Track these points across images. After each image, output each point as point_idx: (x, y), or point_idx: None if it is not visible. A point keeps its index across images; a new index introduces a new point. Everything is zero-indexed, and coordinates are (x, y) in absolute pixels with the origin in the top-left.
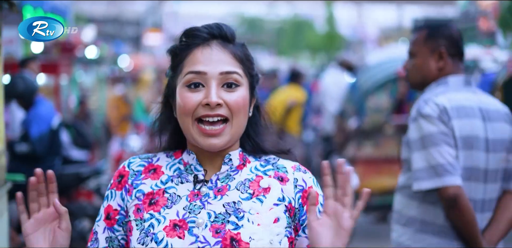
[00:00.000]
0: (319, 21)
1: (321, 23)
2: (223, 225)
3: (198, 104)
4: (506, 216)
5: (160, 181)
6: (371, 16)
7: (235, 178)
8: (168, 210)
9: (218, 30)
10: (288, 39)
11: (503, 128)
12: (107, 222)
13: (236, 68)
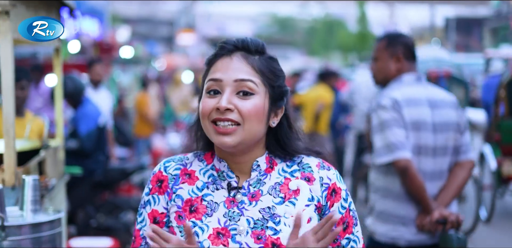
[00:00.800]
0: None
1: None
2: (263, 231)
3: (212, 109)
4: (456, 182)
5: (196, 187)
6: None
7: (266, 183)
8: (209, 219)
9: (242, 43)
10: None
11: (449, 113)
12: (156, 225)
13: (252, 77)
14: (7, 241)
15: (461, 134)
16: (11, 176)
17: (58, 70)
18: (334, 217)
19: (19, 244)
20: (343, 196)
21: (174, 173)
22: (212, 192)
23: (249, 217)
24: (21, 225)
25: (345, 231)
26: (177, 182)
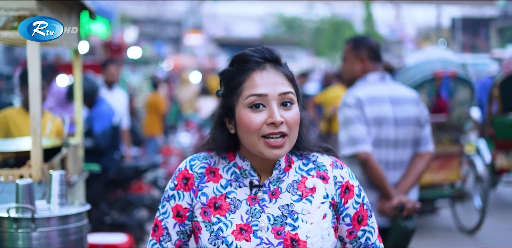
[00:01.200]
0: (358, 21)
1: (359, 23)
2: (282, 227)
3: (262, 123)
4: (415, 171)
5: (220, 185)
6: (410, 15)
7: (284, 180)
8: (233, 215)
9: (270, 54)
10: (327, 39)
11: (410, 109)
12: (177, 219)
13: (291, 88)
14: (37, 232)
15: (421, 128)
16: (38, 171)
17: (78, 72)
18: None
19: (47, 235)
20: (356, 193)
21: (199, 171)
22: (235, 189)
23: (270, 214)
24: (49, 217)
25: (360, 223)
26: (203, 180)
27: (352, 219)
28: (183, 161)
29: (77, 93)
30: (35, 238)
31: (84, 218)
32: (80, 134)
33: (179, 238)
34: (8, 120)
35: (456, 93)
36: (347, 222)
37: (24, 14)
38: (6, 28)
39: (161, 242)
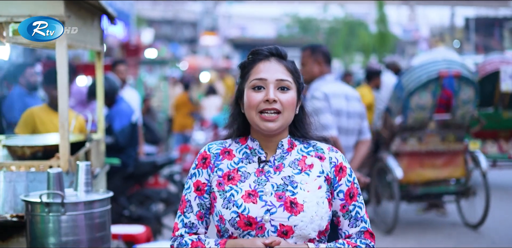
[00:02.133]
0: (371, 21)
1: (373, 23)
2: (284, 193)
3: (260, 101)
4: (360, 154)
5: (233, 162)
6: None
7: (287, 158)
8: (243, 184)
9: (276, 50)
10: (341, 40)
11: (356, 105)
12: (197, 193)
13: (288, 77)
14: (66, 215)
15: (362, 120)
16: (65, 163)
17: (100, 72)
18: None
19: (75, 219)
20: (348, 173)
21: (215, 152)
22: (245, 165)
23: (273, 183)
24: (77, 202)
25: (351, 199)
26: (218, 158)
27: (345, 195)
28: (203, 146)
29: (99, 93)
30: (64, 221)
31: (108, 204)
32: (101, 130)
33: (199, 210)
34: (34, 117)
35: (460, 92)
36: (341, 197)
37: None
38: None
39: (185, 213)
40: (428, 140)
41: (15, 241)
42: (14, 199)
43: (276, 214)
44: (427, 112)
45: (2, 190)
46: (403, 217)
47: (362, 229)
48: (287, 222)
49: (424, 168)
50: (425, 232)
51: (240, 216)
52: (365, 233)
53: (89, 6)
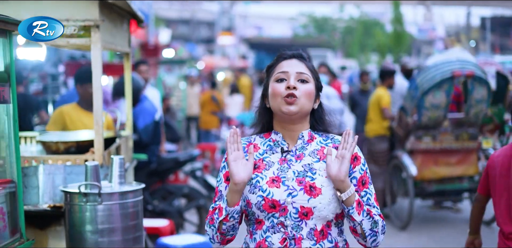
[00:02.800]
0: (387, 21)
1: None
2: (304, 178)
3: (283, 89)
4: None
5: (258, 153)
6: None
7: (307, 148)
8: (267, 171)
9: (297, 52)
10: (357, 39)
11: (336, 102)
12: (227, 182)
13: (307, 72)
14: (102, 205)
15: (341, 116)
16: (100, 157)
17: (128, 73)
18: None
19: (110, 208)
20: (361, 162)
21: (242, 146)
22: (269, 155)
23: (295, 170)
24: (112, 193)
25: (363, 186)
26: (244, 151)
27: (358, 181)
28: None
29: (127, 92)
30: (100, 210)
31: (140, 195)
32: (130, 127)
33: None
34: (64, 116)
35: (474, 92)
36: (354, 183)
37: (89, 24)
38: (74, 36)
39: (217, 201)
40: (442, 138)
41: (53, 230)
42: (52, 190)
43: (297, 197)
44: (441, 111)
45: (41, 182)
46: (418, 214)
47: None
48: (307, 204)
49: (438, 165)
50: (439, 228)
51: (265, 200)
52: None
53: (119, 10)
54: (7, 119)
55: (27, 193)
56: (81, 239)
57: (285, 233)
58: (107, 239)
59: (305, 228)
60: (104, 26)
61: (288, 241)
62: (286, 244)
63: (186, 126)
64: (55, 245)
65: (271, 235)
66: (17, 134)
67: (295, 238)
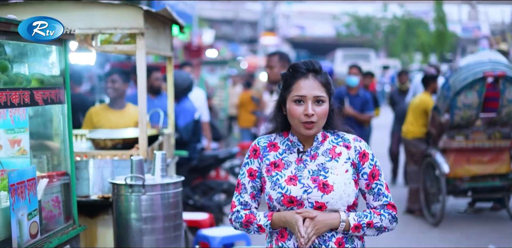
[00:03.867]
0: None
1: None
2: (318, 176)
3: (301, 114)
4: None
5: (278, 153)
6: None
7: (320, 148)
8: (285, 170)
9: (312, 66)
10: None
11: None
12: (250, 178)
13: (322, 93)
14: (145, 195)
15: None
16: (144, 152)
17: (170, 75)
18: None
19: (153, 198)
20: (370, 158)
21: (263, 145)
22: (287, 155)
23: (310, 169)
24: (155, 184)
25: (373, 178)
26: (266, 150)
27: (368, 176)
28: (254, 140)
29: (169, 92)
30: (144, 200)
31: (180, 186)
32: (172, 125)
33: (252, 191)
34: (92, 116)
35: (506, 92)
36: (365, 178)
37: (134, 32)
38: (121, 43)
39: (241, 193)
40: (475, 137)
41: (101, 218)
42: (101, 182)
43: (312, 194)
44: (473, 111)
45: (92, 175)
46: (451, 210)
47: (384, 202)
48: (320, 200)
49: (471, 163)
50: (470, 224)
51: (284, 196)
52: (387, 205)
53: (162, 17)
54: (62, 118)
55: (79, 184)
56: (126, 226)
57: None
58: (150, 226)
59: None
60: (148, 33)
61: None
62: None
63: (228, 125)
64: (103, 232)
65: None
66: (71, 131)
67: None
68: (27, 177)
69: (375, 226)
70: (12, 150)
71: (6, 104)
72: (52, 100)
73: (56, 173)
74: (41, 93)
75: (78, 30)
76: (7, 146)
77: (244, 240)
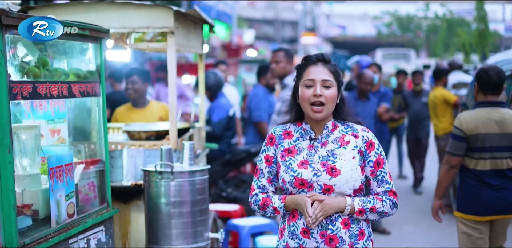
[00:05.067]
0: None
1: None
2: (326, 161)
3: (310, 95)
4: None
5: (292, 140)
6: None
7: (330, 136)
8: (298, 156)
9: (322, 56)
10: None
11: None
12: (267, 163)
13: (330, 78)
14: (174, 181)
15: None
16: (174, 142)
17: (202, 72)
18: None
19: (181, 184)
20: (376, 147)
21: (279, 133)
22: (300, 142)
23: (320, 155)
24: (182, 171)
25: (378, 166)
26: (281, 138)
27: (374, 163)
28: (271, 129)
29: (201, 88)
30: (173, 186)
31: (206, 174)
32: (203, 119)
33: (269, 176)
34: (117, 116)
35: None
36: (371, 165)
37: (165, 30)
38: (153, 41)
39: (259, 178)
40: None
41: (134, 204)
42: (134, 170)
43: (321, 177)
44: None
45: (125, 163)
46: None
47: (386, 189)
48: (328, 182)
49: None
50: None
51: (296, 178)
52: (389, 192)
53: (192, 17)
54: (98, 110)
55: (114, 172)
56: (156, 210)
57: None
58: (178, 210)
59: None
60: (179, 31)
61: None
62: None
63: None
64: (136, 216)
65: None
66: (105, 122)
67: None
68: (65, 162)
69: (377, 211)
70: (52, 139)
71: (47, 95)
72: (88, 93)
73: (91, 160)
74: (78, 86)
75: (114, 29)
76: (48, 135)
77: (271, 229)
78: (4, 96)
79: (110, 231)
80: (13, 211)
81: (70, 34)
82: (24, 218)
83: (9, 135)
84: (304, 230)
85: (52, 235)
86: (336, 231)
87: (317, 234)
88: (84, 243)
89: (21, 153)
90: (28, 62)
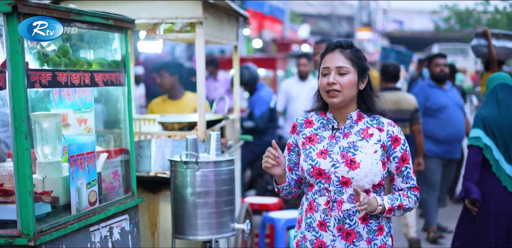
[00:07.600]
0: None
1: None
2: (346, 153)
3: (326, 83)
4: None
5: (313, 128)
6: None
7: (354, 127)
8: (318, 145)
9: (339, 43)
10: None
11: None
12: (288, 151)
13: (346, 64)
14: (199, 171)
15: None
16: (202, 133)
17: (236, 64)
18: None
19: (206, 174)
20: (402, 143)
21: (300, 122)
22: (322, 131)
23: (341, 145)
24: (208, 162)
25: (404, 162)
26: (302, 127)
27: (399, 159)
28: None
29: (235, 81)
30: (198, 175)
31: (233, 164)
32: (237, 111)
33: (289, 164)
34: (153, 107)
35: None
36: (396, 161)
37: (193, 21)
38: (182, 31)
39: None
40: None
41: (163, 194)
42: (162, 160)
43: (339, 168)
44: None
45: (153, 153)
46: None
47: (411, 185)
48: (346, 175)
49: None
50: None
51: (313, 168)
52: (413, 188)
53: (225, 8)
54: (123, 100)
55: (142, 162)
56: (182, 199)
57: (328, 197)
58: (203, 200)
59: (345, 193)
60: (208, 22)
61: (331, 203)
62: (329, 206)
63: None
64: (165, 207)
65: (318, 197)
66: (131, 111)
67: (336, 200)
68: (86, 150)
69: (404, 207)
70: (79, 128)
71: (67, 84)
72: (112, 82)
73: (115, 149)
74: (102, 75)
75: (144, 19)
76: (75, 124)
77: None
78: (22, 84)
79: (135, 220)
80: (30, 198)
81: (94, 23)
82: (43, 204)
83: (26, 122)
84: (321, 223)
85: (72, 222)
86: (354, 226)
87: (334, 228)
88: (107, 231)
89: (42, 141)
90: (51, 51)
